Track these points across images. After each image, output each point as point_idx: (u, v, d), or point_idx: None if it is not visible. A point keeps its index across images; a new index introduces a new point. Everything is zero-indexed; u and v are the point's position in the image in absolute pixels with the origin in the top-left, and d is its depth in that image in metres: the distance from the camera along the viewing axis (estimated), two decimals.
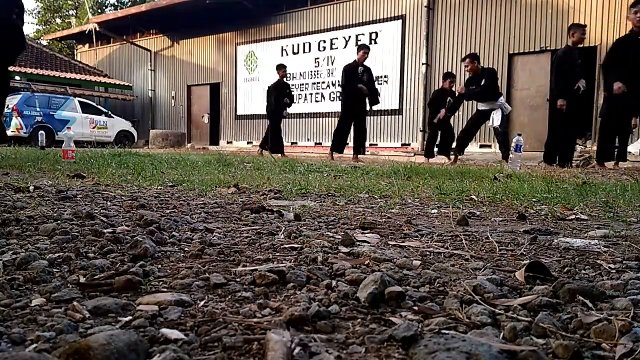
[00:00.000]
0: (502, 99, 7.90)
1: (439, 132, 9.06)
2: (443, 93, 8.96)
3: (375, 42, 13.80)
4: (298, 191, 2.56)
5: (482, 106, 7.93)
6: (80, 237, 1.23)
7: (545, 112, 11.48)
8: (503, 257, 1.19)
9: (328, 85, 14.74)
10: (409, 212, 1.98)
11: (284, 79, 10.43)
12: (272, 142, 10.13)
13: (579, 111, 6.72)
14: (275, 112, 10.14)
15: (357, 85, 8.48)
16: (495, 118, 7.86)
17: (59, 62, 20.45)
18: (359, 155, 8.78)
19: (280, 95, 10.11)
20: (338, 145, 8.99)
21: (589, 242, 1.36)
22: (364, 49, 8.77)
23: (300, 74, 15.07)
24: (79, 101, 16.56)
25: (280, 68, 10.26)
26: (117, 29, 19.34)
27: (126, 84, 20.02)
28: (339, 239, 1.33)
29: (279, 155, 9.71)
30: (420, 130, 12.76)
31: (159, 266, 1.01)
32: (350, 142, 9.09)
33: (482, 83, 7.72)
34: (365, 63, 8.81)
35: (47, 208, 1.72)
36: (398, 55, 13.22)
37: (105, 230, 1.31)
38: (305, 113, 14.76)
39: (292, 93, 10.73)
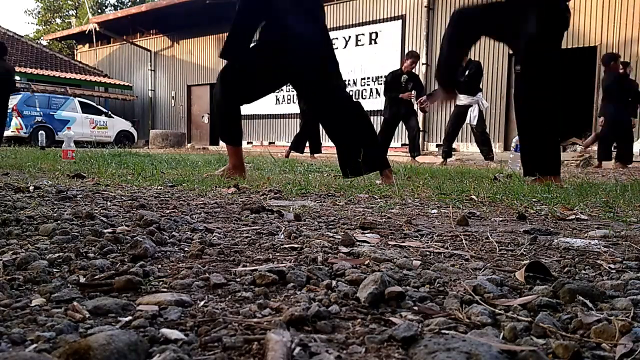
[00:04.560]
0: (480, 95, 7.79)
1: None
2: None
3: (375, 42, 13.80)
4: (298, 191, 2.56)
5: (460, 101, 7.73)
6: (80, 237, 1.23)
7: None
8: (503, 257, 1.19)
9: None
10: (409, 212, 1.98)
11: None
12: (298, 139, 9.85)
13: None
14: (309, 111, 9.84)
15: (399, 95, 8.18)
16: (472, 116, 7.74)
17: (59, 62, 20.46)
18: (416, 157, 8.43)
19: None
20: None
21: (589, 242, 1.36)
22: (412, 58, 8.30)
23: None
24: (79, 101, 16.57)
25: None
26: (117, 29, 19.34)
27: (126, 84, 20.02)
28: (339, 239, 1.33)
29: (292, 153, 9.54)
30: (420, 130, 12.75)
31: (159, 266, 1.02)
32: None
33: (467, 73, 7.58)
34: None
35: (47, 208, 1.72)
36: (398, 55, 13.22)
37: (105, 230, 1.31)
38: None
39: None
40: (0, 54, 9.26)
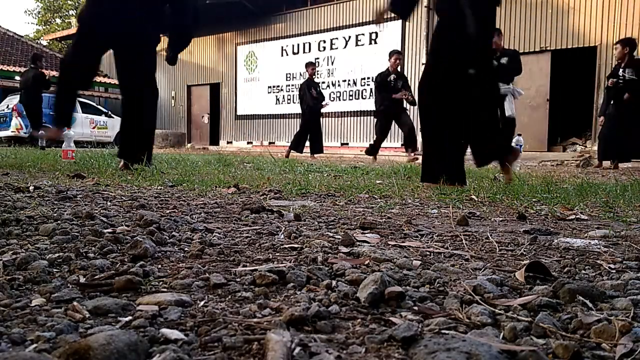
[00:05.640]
0: (512, 85, 7.23)
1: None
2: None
3: (375, 42, 13.80)
4: (298, 191, 2.56)
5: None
6: (80, 237, 1.23)
7: (545, 112, 11.50)
8: (503, 257, 1.19)
9: (328, 86, 14.74)
10: (409, 212, 1.98)
11: (314, 77, 10.04)
12: (298, 138, 9.83)
13: None
14: (311, 110, 9.86)
15: (392, 96, 8.12)
16: (508, 107, 7.06)
17: (59, 62, 20.44)
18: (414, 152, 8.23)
19: (313, 91, 9.85)
20: (373, 149, 8.71)
21: (589, 242, 1.36)
22: (395, 55, 8.30)
23: (300, 74, 15.07)
24: (79, 101, 16.54)
25: (309, 65, 9.99)
26: None
27: None
28: (339, 239, 1.33)
29: (292, 152, 9.53)
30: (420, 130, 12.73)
31: (159, 266, 1.02)
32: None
33: (505, 60, 7.01)
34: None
35: (47, 208, 1.72)
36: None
37: (105, 230, 1.31)
38: None
39: (320, 91, 10.33)
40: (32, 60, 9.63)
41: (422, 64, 12.71)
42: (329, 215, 1.82)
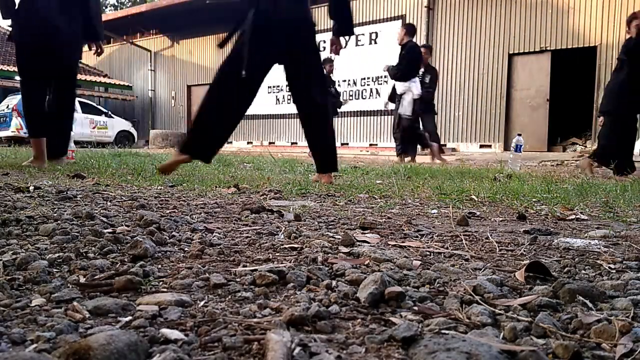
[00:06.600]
0: (415, 81, 7.07)
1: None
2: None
3: (375, 42, 13.80)
4: (298, 191, 2.56)
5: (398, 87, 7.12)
6: (80, 237, 1.23)
7: (545, 112, 11.50)
8: (503, 257, 1.19)
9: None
10: (409, 212, 1.98)
11: (331, 75, 9.69)
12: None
13: None
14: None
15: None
16: (404, 104, 6.98)
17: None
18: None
19: (332, 89, 9.51)
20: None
21: (589, 242, 1.36)
22: (424, 49, 7.76)
23: None
24: (79, 101, 16.54)
25: (327, 62, 9.81)
26: (117, 29, 19.33)
27: (126, 84, 20.01)
28: (339, 239, 1.33)
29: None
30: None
31: (159, 266, 1.01)
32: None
33: (402, 56, 6.94)
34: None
35: (47, 208, 1.72)
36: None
37: (105, 231, 1.31)
38: None
39: (336, 89, 9.93)
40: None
41: None
42: (329, 215, 1.82)
